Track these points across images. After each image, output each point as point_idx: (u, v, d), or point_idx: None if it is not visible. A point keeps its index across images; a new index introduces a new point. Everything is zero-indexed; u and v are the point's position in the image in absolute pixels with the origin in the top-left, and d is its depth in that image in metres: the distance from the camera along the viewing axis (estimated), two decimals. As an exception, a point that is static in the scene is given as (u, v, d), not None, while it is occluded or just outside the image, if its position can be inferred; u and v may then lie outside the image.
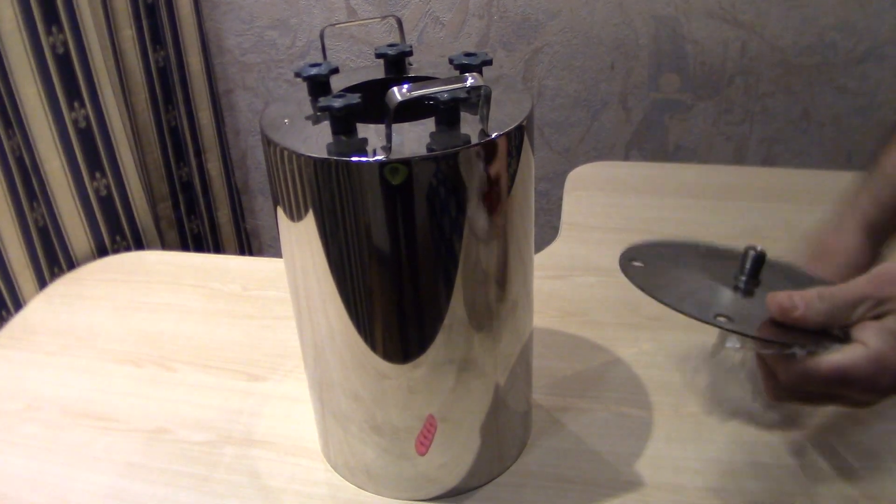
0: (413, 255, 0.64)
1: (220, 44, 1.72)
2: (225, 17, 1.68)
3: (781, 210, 1.24)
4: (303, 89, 0.72)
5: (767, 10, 1.44)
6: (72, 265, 1.30)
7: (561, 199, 1.33)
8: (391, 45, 0.75)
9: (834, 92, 1.51)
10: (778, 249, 1.03)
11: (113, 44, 1.42)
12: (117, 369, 1.02)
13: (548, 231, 1.54)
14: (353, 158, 0.59)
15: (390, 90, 0.56)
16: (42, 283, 1.24)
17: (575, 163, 1.61)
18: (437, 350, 0.69)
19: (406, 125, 0.63)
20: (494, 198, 0.65)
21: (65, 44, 1.21)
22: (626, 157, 1.67)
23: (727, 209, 1.26)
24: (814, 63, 1.49)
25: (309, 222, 0.64)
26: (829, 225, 0.79)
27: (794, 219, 1.21)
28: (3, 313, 1.19)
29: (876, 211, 0.79)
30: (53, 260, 1.27)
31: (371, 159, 0.59)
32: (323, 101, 0.62)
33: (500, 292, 0.70)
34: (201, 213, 1.75)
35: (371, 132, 0.63)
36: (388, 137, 0.59)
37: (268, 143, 0.64)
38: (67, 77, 1.23)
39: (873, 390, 0.60)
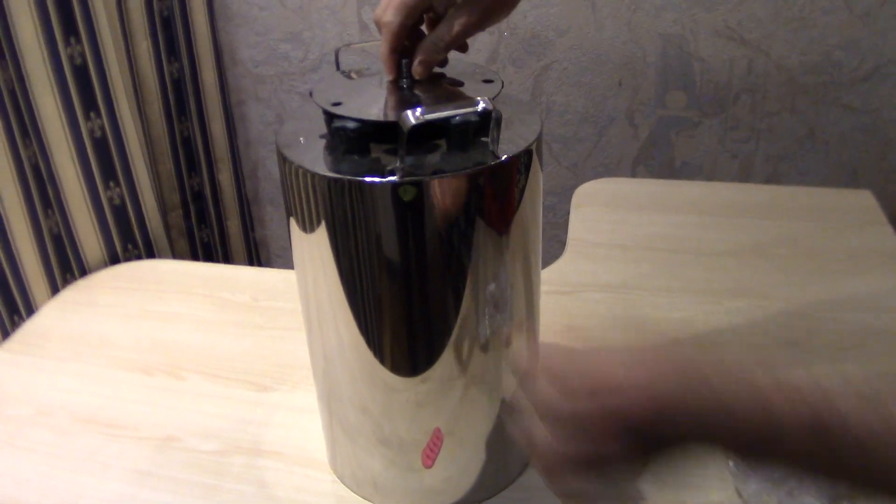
0: (422, 270, 0.65)
1: (234, 56, 1.73)
2: (238, 30, 1.70)
3: (786, 227, 1.25)
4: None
5: (774, 30, 1.45)
6: (84, 272, 1.31)
7: (568, 213, 1.34)
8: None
9: (839, 110, 1.52)
10: (782, 267, 1.05)
11: (129, 56, 1.44)
12: (127, 377, 1.03)
13: (555, 245, 1.55)
14: (367, 179, 0.60)
15: (404, 113, 0.57)
16: (54, 290, 1.26)
17: (582, 178, 1.63)
18: (444, 364, 0.70)
19: (418, 146, 0.64)
20: (503, 217, 0.66)
21: (82, 55, 1.23)
22: (633, 173, 1.68)
23: (732, 226, 1.27)
24: (820, 81, 1.50)
25: (322, 237, 0.66)
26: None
27: (799, 236, 1.21)
28: (16, 319, 1.21)
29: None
30: (66, 267, 1.28)
31: (384, 180, 0.60)
32: (337, 123, 0.63)
33: (507, 308, 0.71)
34: (212, 223, 1.76)
35: (384, 152, 0.64)
36: (402, 159, 0.60)
37: (283, 160, 0.65)
38: (84, 88, 1.24)
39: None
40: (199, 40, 1.61)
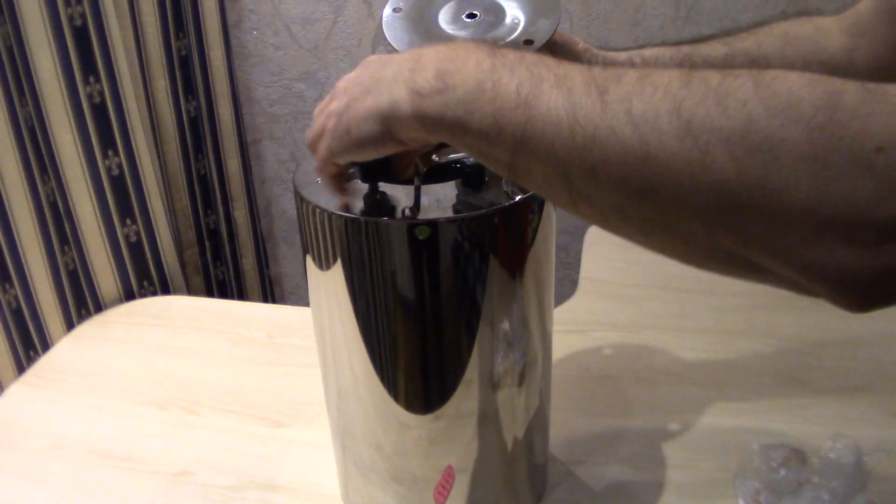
0: (437, 308, 0.66)
1: (249, 95, 1.75)
2: (254, 69, 1.72)
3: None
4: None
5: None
6: (99, 308, 1.32)
7: (580, 252, 1.35)
8: None
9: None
10: (792, 306, 1.05)
11: (147, 94, 1.46)
12: (142, 411, 1.04)
13: (567, 285, 1.55)
14: (383, 218, 0.61)
15: (420, 156, 0.59)
16: (70, 325, 1.27)
17: (594, 217, 1.63)
18: (457, 402, 0.70)
19: (433, 186, 0.65)
20: (517, 256, 0.67)
21: (101, 93, 1.25)
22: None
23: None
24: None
25: (337, 274, 0.67)
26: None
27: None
28: (32, 353, 1.22)
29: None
30: (81, 302, 1.30)
31: (399, 220, 0.61)
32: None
33: (520, 347, 0.72)
34: (227, 260, 1.77)
35: (399, 191, 0.65)
36: (417, 199, 0.61)
37: (300, 199, 0.66)
38: (102, 125, 1.26)
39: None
40: (216, 79, 1.63)
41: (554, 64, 0.48)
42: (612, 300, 1.21)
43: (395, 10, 0.72)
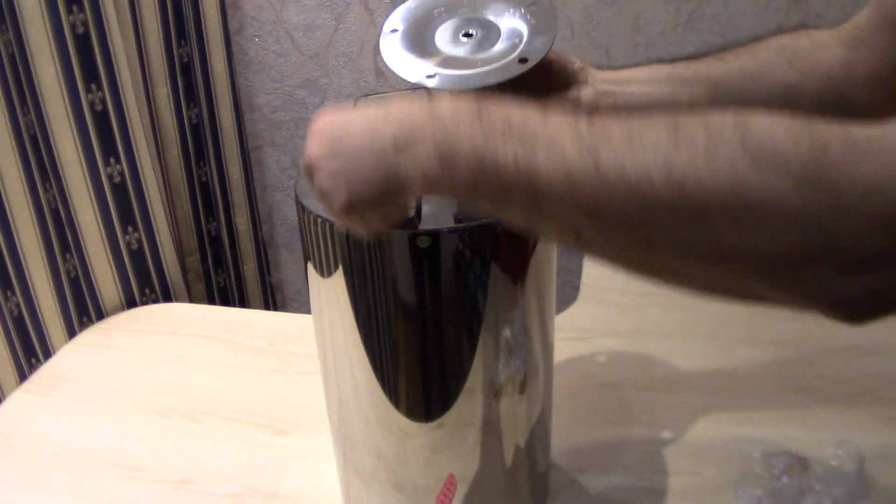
0: (438, 317, 0.66)
1: (251, 101, 1.75)
2: (256, 76, 1.72)
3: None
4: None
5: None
6: (101, 316, 1.32)
7: (581, 259, 1.34)
8: None
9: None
10: (794, 314, 1.05)
11: (149, 101, 1.46)
12: (144, 419, 1.04)
13: (568, 291, 1.55)
14: None
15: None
16: (71, 333, 1.27)
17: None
18: (459, 410, 0.71)
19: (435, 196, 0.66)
20: (517, 264, 0.67)
21: (103, 101, 1.25)
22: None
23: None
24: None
25: (338, 282, 0.67)
26: None
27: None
28: (33, 361, 1.22)
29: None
30: (83, 310, 1.30)
31: (401, 230, 0.61)
32: None
33: (521, 355, 0.72)
34: (228, 267, 1.77)
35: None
36: (418, 209, 0.61)
37: (302, 209, 0.66)
38: (104, 133, 1.26)
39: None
40: (217, 86, 1.63)
41: (540, 124, 0.50)
42: (613, 307, 1.21)
43: (392, 30, 0.72)
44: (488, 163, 0.49)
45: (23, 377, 1.18)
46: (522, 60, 0.68)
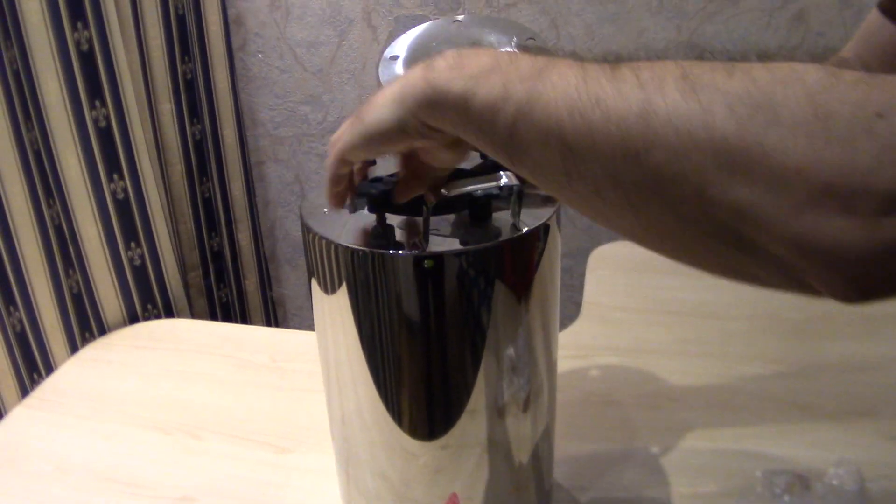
0: (442, 336, 0.66)
1: (254, 117, 1.76)
2: (259, 92, 1.73)
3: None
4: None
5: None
6: (103, 331, 1.32)
7: (583, 275, 1.35)
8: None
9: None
10: (795, 331, 1.05)
11: (152, 117, 1.47)
12: (145, 436, 1.04)
13: (570, 307, 1.55)
14: (390, 251, 0.62)
15: (429, 188, 0.59)
16: (74, 348, 1.27)
17: (598, 239, 1.64)
18: (463, 429, 0.71)
19: (441, 217, 0.66)
20: (522, 286, 0.67)
21: (107, 118, 1.26)
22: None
23: (747, 290, 1.26)
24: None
25: (342, 302, 0.67)
26: None
27: (812, 300, 1.22)
28: (35, 376, 1.22)
29: None
30: (85, 325, 1.30)
31: (406, 252, 0.62)
32: (361, 188, 0.65)
33: (525, 374, 0.72)
34: (230, 282, 1.78)
35: (406, 222, 0.65)
36: (425, 232, 0.62)
37: (306, 230, 0.66)
38: (108, 149, 1.27)
39: None
40: (220, 102, 1.64)
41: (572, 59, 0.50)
42: (615, 325, 1.21)
43: (391, 57, 0.72)
44: (503, 62, 0.50)
45: (25, 392, 1.18)
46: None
